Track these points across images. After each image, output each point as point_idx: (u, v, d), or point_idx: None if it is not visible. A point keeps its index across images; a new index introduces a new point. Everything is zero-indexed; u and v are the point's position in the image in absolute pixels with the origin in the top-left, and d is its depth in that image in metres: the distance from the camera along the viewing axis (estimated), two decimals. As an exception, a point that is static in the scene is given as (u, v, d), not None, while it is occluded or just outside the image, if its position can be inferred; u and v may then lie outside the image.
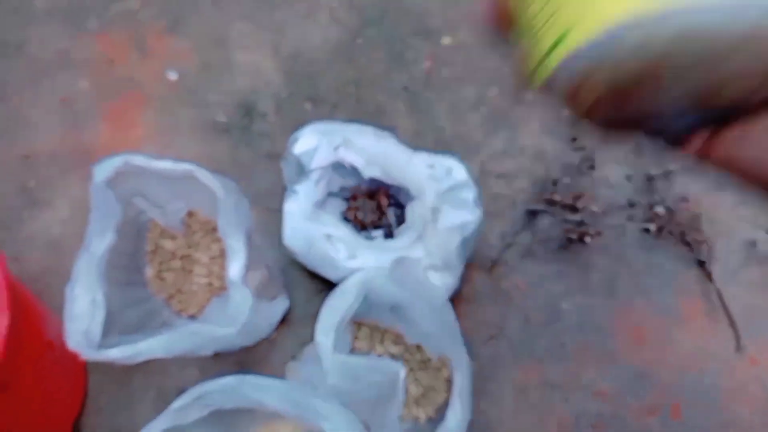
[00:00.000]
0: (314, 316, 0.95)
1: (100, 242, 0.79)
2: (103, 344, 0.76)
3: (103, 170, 0.77)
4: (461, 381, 0.72)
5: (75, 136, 1.06)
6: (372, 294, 0.82)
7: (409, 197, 0.94)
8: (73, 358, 0.88)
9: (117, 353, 0.71)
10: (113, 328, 0.82)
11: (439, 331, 0.71)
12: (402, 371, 0.66)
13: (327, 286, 0.97)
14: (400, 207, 1.00)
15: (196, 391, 0.67)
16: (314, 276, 0.98)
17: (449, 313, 0.70)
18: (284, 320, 0.96)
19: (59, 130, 1.06)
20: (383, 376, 0.66)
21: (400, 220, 0.98)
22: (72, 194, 1.03)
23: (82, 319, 0.76)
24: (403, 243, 0.87)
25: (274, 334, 0.95)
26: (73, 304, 0.76)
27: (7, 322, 0.64)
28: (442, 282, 0.88)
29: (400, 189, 0.99)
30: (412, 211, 0.88)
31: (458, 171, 0.93)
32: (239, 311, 0.75)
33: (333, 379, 0.68)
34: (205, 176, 0.80)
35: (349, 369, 0.68)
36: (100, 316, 0.77)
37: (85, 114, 1.07)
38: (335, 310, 0.75)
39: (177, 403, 0.67)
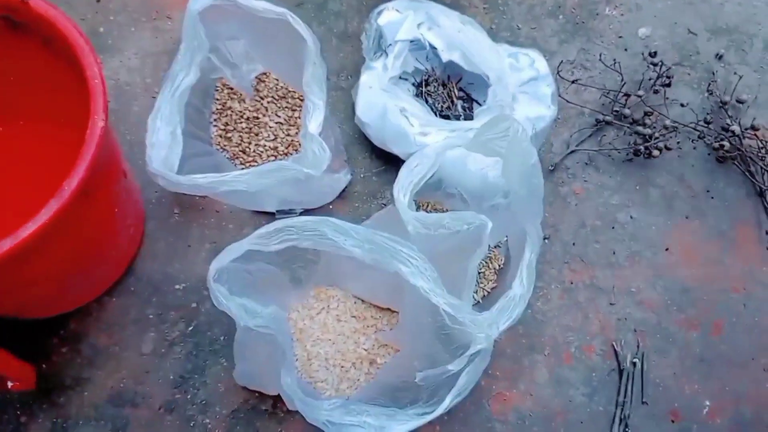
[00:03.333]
0: (371, 194, 0.97)
1: (185, 76, 0.78)
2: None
3: (200, 0, 0.76)
4: (530, 254, 0.73)
5: (148, -13, 1.04)
6: (447, 167, 0.82)
7: (484, 89, 0.94)
8: (137, 197, 0.89)
9: (202, 180, 0.72)
10: (181, 172, 0.83)
11: (525, 192, 0.71)
12: (489, 222, 0.66)
13: (387, 166, 0.97)
14: (469, 101, 1.00)
15: (280, 223, 0.68)
16: (376, 156, 0.98)
17: (538, 175, 0.70)
18: (341, 194, 0.96)
19: (134, -21, 1.04)
20: (468, 226, 0.67)
21: (467, 116, 0.98)
22: (141, 45, 1.01)
23: (163, 147, 0.76)
24: (479, 124, 0.86)
25: (331, 205, 0.96)
26: (155, 133, 0.76)
27: (102, 125, 0.64)
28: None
29: (471, 83, 0.98)
30: (493, 94, 0.87)
31: (540, 63, 0.92)
32: (320, 159, 0.75)
33: (412, 228, 0.68)
34: (297, 23, 0.79)
35: (431, 220, 0.68)
36: (178, 148, 0.78)
37: (162, -34, 1.05)
38: (414, 170, 0.75)
39: (260, 231, 0.68)
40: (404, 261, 0.67)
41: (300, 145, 0.91)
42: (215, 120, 0.97)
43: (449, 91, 0.98)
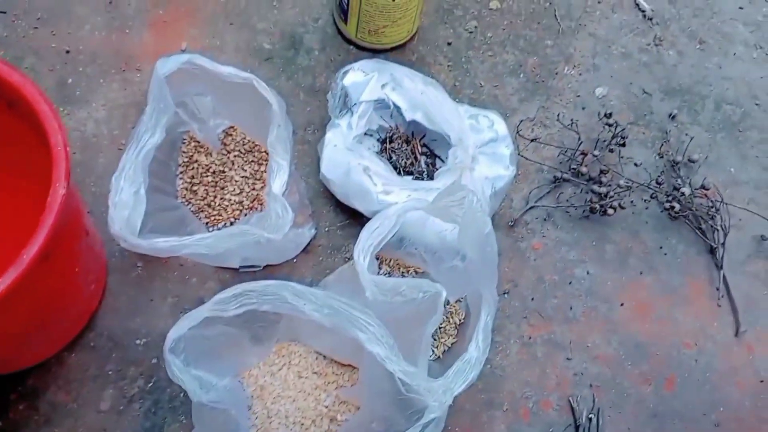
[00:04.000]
0: (335, 248, 0.98)
1: (150, 137, 0.80)
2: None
3: (167, 65, 0.78)
4: (486, 317, 0.75)
5: (118, 39, 1.06)
6: (408, 227, 0.84)
7: (446, 146, 0.96)
8: (99, 251, 0.89)
9: (163, 244, 0.73)
10: (145, 228, 0.83)
11: (480, 259, 0.73)
12: (444, 290, 0.68)
13: (352, 220, 0.99)
14: (432, 157, 1.02)
15: (239, 288, 0.69)
16: (340, 210, 1.00)
17: (492, 244, 0.73)
18: (306, 248, 0.97)
19: (104, 31, 1.06)
20: (423, 295, 0.68)
21: (430, 172, 1.01)
22: (109, 96, 1.02)
23: (125, 208, 0.77)
24: (440, 184, 0.89)
25: (295, 260, 0.97)
26: (118, 193, 0.77)
27: (64, 192, 0.64)
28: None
29: (434, 140, 1.01)
30: (453, 156, 0.90)
31: (500, 125, 0.96)
32: (282, 221, 0.77)
33: (370, 293, 0.70)
34: (263, 87, 0.81)
35: (388, 286, 0.70)
36: (141, 207, 0.79)
37: (132, 19, 1.07)
38: (374, 232, 0.77)
39: (219, 296, 0.68)
40: (361, 327, 0.68)
41: (265, 200, 0.92)
42: (181, 173, 0.98)
43: (413, 147, 1.01)
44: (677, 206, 0.99)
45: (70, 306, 0.82)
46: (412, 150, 1.00)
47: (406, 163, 1.00)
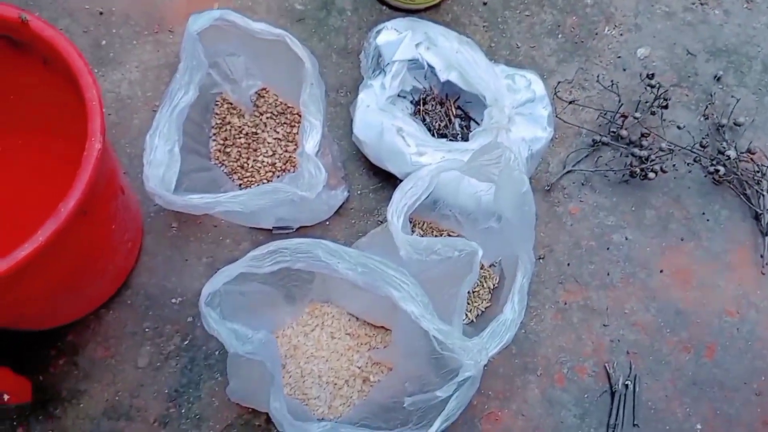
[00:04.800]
0: (368, 211, 0.97)
1: (183, 95, 0.79)
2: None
3: (199, 21, 0.77)
4: (522, 279, 0.74)
5: (151, 0, 1.05)
6: (442, 188, 0.83)
7: (481, 109, 0.94)
8: (135, 211, 0.90)
9: (197, 200, 0.72)
10: (179, 188, 0.83)
11: (516, 219, 0.72)
12: (480, 249, 0.67)
13: (384, 183, 0.98)
14: (467, 120, 1.00)
15: (273, 245, 0.69)
16: (373, 173, 0.98)
17: (530, 203, 0.71)
18: (338, 211, 0.97)
19: (137, -7, 1.05)
20: (459, 253, 0.67)
21: (464, 135, 0.98)
22: (143, 58, 1.02)
23: (160, 165, 0.77)
24: (475, 146, 0.87)
25: (328, 222, 0.96)
26: (153, 151, 0.77)
27: (99, 146, 0.65)
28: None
29: (469, 102, 0.99)
30: (489, 116, 0.88)
31: (537, 85, 0.93)
32: (315, 180, 0.76)
33: (404, 253, 0.69)
34: (295, 44, 0.79)
35: (423, 245, 0.69)
36: (176, 166, 0.78)
37: (165, -19, 1.06)
38: (408, 193, 0.75)
39: (253, 253, 0.68)
40: (396, 285, 0.67)
41: (297, 161, 0.92)
42: (214, 135, 0.98)
43: (447, 109, 0.99)
44: (722, 170, 0.96)
45: (107, 263, 0.83)
46: (446, 112, 0.98)
47: (440, 125, 0.98)
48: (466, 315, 0.92)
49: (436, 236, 0.94)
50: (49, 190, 0.74)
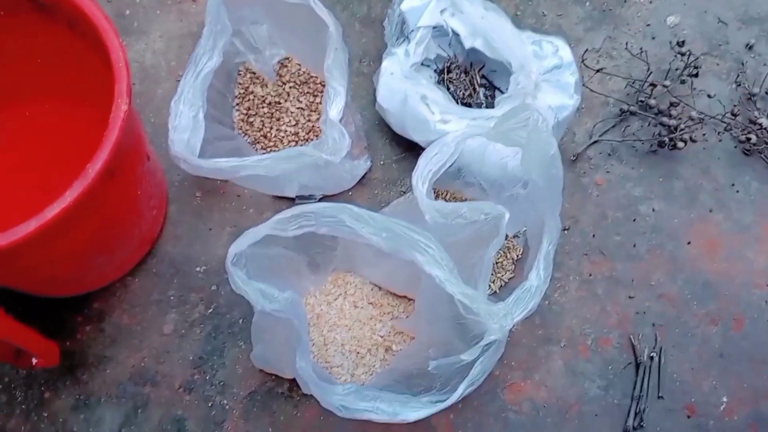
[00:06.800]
0: (390, 181, 0.97)
1: (208, 60, 0.79)
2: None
3: (222, -16, 0.76)
4: (548, 245, 0.73)
5: (174, -30, 1.05)
6: (467, 156, 0.82)
7: (507, 78, 0.93)
8: (160, 179, 0.90)
9: (223, 164, 0.72)
10: (203, 156, 0.83)
11: (544, 182, 0.71)
12: (506, 212, 0.66)
13: (407, 153, 0.97)
14: (491, 89, 0.99)
15: (298, 209, 0.68)
16: (396, 143, 0.98)
17: (558, 166, 0.70)
18: (361, 181, 0.96)
19: (160, -38, 1.05)
20: (485, 217, 0.66)
21: (489, 104, 0.97)
22: (166, 27, 1.02)
23: (185, 131, 0.77)
24: (500, 113, 0.86)
25: (351, 192, 0.96)
26: (178, 117, 0.77)
27: (126, 108, 0.65)
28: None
29: (494, 71, 0.97)
30: (515, 82, 0.86)
31: (564, 51, 0.91)
32: (339, 145, 0.75)
33: (430, 217, 0.68)
34: (319, 8, 0.79)
35: (448, 209, 0.68)
36: (200, 132, 0.78)
37: (187, -50, 1.06)
38: (432, 159, 0.75)
39: (279, 216, 0.68)
40: (421, 250, 0.67)
41: (320, 131, 0.91)
42: (237, 104, 0.97)
43: (471, 78, 0.97)
44: (753, 138, 0.93)
45: (132, 229, 0.84)
46: (471, 81, 0.97)
47: (464, 94, 0.96)
48: (490, 286, 0.91)
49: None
50: (77, 156, 0.75)
